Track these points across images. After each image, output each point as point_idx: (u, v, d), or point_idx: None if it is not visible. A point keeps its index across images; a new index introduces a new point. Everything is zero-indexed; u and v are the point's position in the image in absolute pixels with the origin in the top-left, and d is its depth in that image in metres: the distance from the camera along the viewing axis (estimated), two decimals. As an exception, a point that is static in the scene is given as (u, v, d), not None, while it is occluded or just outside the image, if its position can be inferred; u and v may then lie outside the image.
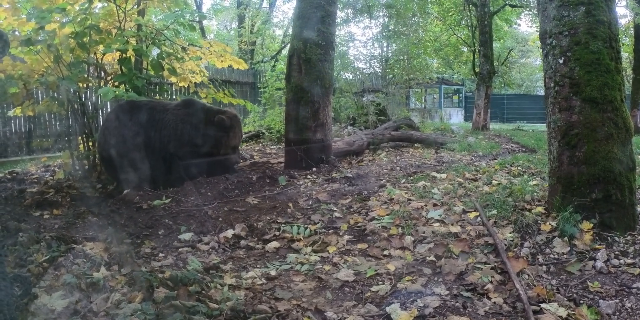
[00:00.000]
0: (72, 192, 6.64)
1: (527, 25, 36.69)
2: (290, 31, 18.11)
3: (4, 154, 11.21)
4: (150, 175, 6.31)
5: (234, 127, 6.58)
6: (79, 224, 5.05)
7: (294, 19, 8.25)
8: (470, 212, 4.74)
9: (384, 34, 18.64)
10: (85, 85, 7.58)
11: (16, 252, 3.82)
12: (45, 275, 3.39)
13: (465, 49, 27.20)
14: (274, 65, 22.50)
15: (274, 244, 4.46)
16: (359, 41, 23.83)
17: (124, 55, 7.32)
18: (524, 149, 10.84)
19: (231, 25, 33.91)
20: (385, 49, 20.19)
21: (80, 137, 7.83)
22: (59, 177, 7.60)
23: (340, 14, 17.91)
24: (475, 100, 18.42)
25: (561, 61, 4.19)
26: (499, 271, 3.58)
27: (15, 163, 10.21)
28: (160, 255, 4.23)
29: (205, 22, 29.86)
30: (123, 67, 7.34)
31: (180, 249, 4.35)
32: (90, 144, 7.62)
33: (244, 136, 12.69)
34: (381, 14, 18.90)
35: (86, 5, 7.30)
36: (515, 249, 3.90)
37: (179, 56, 7.92)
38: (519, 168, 7.09)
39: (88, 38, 7.09)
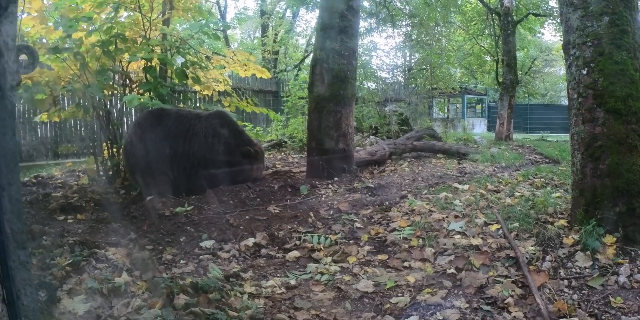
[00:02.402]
0: (96, 198, 6.71)
1: (550, 34, 36.27)
2: (313, 40, 18.18)
3: (30, 159, 11.39)
4: (173, 183, 6.37)
5: (257, 160, 6.74)
6: (102, 229, 5.09)
7: (317, 29, 8.29)
8: (492, 224, 4.70)
9: (407, 43, 18.63)
10: (110, 92, 7.68)
11: (40, 255, 3.88)
12: (68, 279, 3.44)
13: (488, 59, 27.00)
14: (296, 74, 22.62)
15: (295, 253, 4.47)
16: (382, 50, 23.72)
17: (149, 64, 7.42)
18: (547, 160, 10.74)
19: (255, 34, 34.15)
20: (408, 59, 20.18)
21: (104, 143, 7.94)
22: (84, 182, 7.70)
23: (363, 24, 17.97)
24: (499, 110, 18.28)
25: (584, 72, 4.16)
26: (519, 285, 3.54)
27: (40, 167, 10.36)
28: (182, 262, 4.25)
29: (229, 31, 30.13)
30: (148, 75, 7.44)
31: (201, 256, 4.38)
32: (115, 150, 7.71)
33: (266, 145, 12.83)
34: (404, 23, 18.91)
35: (112, 14, 7.43)
36: (536, 263, 3.85)
37: (203, 65, 8.01)
38: (542, 180, 7.03)
39: (114, 46, 7.20)
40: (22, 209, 1.15)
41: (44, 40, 7.61)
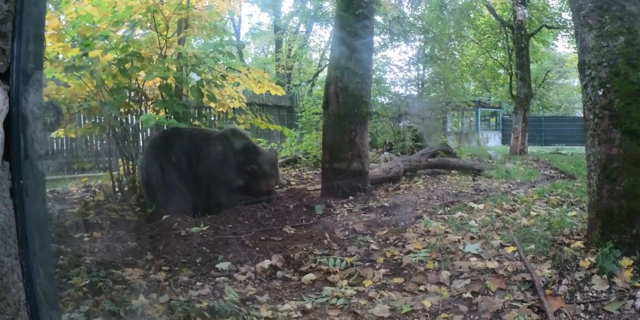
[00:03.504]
0: (112, 215, 6.75)
1: (564, 46, 36.05)
2: (327, 55, 18.19)
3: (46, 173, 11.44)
4: (189, 202, 6.41)
5: (268, 173, 6.78)
6: (119, 248, 5.12)
7: (332, 48, 8.34)
8: (508, 246, 4.66)
9: (420, 58, 18.64)
10: (126, 109, 7.77)
11: (56, 276, 3.91)
12: (85, 300, 3.47)
13: (502, 71, 26.96)
14: (310, 90, 22.69)
15: (310, 276, 4.44)
16: (396, 65, 23.79)
17: (165, 82, 7.51)
18: (562, 175, 10.65)
19: (269, 48, 34.40)
20: (421, 72, 20.19)
21: (120, 160, 8.02)
22: (100, 199, 7.75)
23: (376, 38, 18.00)
24: (513, 124, 18.22)
25: (600, 93, 4.14)
26: (536, 310, 3.51)
27: (56, 182, 10.41)
28: (198, 284, 4.26)
29: (242, 46, 30.34)
30: (164, 94, 7.53)
31: (217, 279, 4.38)
32: (131, 166, 7.79)
33: (281, 161, 12.80)
34: (417, 37, 18.94)
35: (128, 33, 7.55)
36: (553, 286, 3.81)
37: (219, 83, 8.09)
38: (557, 197, 6.97)
39: (130, 64, 7.30)
40: (53, 272, 1.19)
41: (60, 57, 7.73)
